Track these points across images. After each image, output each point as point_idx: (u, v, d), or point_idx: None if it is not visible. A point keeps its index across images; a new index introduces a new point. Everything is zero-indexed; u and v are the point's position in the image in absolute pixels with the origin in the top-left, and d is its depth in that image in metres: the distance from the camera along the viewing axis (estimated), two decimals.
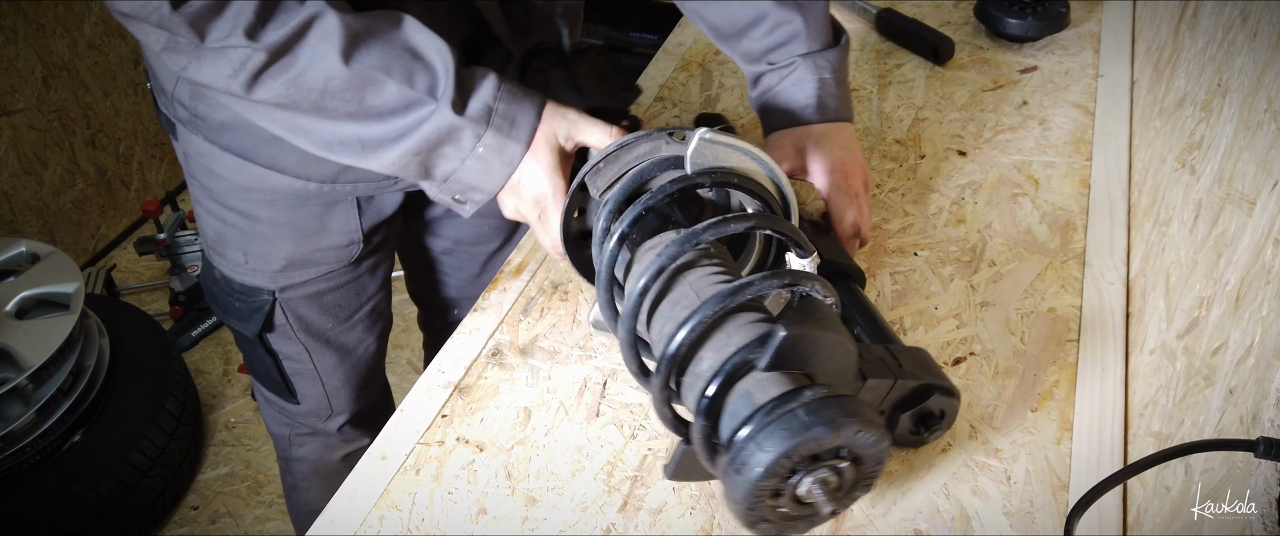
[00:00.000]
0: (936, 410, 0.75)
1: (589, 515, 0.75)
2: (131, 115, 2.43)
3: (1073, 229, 1.00)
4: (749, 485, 0.56)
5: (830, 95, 0.96)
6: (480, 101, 0.76)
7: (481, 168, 0.78)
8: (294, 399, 1.20)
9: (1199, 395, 0.67)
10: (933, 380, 0.73)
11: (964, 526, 0.73)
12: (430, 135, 0.75)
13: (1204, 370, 0.68)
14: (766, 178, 0.76)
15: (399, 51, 0.74)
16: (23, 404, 1.55)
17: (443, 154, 0.77)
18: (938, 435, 0.77)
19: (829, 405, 0.57)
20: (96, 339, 1.70)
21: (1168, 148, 0.96)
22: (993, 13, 1.28)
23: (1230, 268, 0.69)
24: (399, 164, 0.77)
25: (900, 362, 0.73)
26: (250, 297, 1.06)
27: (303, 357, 1.14)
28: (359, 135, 0.76)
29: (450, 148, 0.77)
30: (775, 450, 0.55)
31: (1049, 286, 0.94)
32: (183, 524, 1.84)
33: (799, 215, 0.81)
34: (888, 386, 0.71)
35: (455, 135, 0.76)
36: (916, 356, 0.76)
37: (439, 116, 0.75)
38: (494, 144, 0.77)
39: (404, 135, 0.76)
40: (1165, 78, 1.08)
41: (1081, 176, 1.07)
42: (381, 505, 0.76)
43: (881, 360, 0.73)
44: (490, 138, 0.77)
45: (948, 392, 0.74)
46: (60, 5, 2.17)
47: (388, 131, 0.76)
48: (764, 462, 0.56)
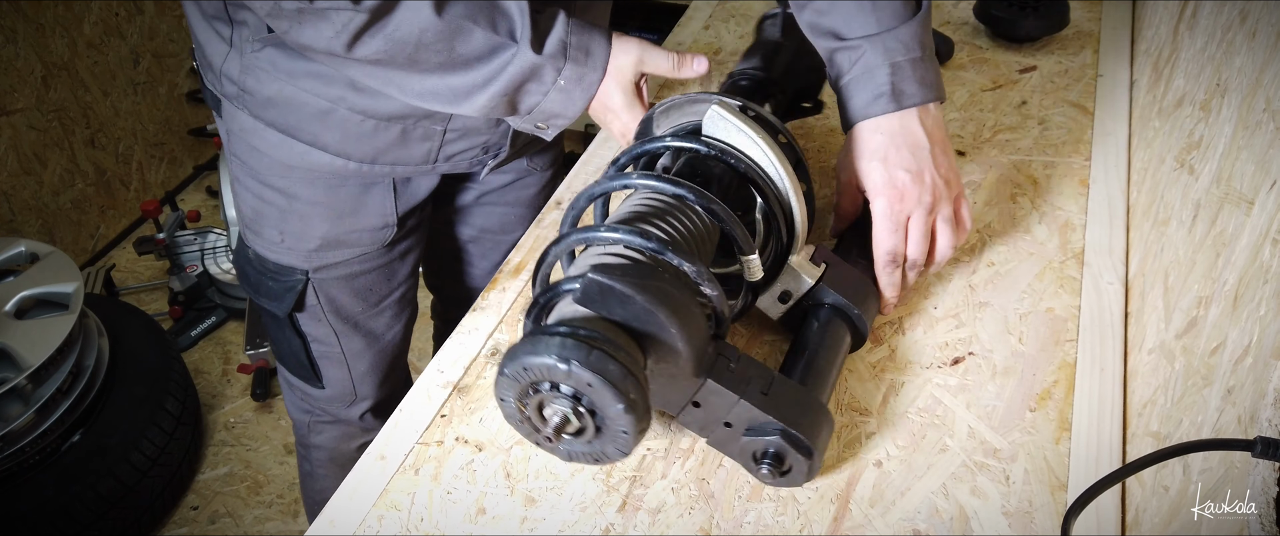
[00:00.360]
0: (784, 457, 0.72)
1: (588, 515, 0.75)
2: (131, 115, 2.43)
3: (1071, 229, 1.00)
4: (498, 378, 0.65)
5: (907, 78, 0.84)
6: (556, 38, 0.82)
7: (563, 98, 0.85)
8: (319, 383, 1.21)
9: (1197, 395, 0.68)
10: (784, 423, 0.71)
11: (963, 526, 0.73)
12: (515, 76, 0.81)
13: (1202, 370, 0.68)
14: (767, 164, 0.78)
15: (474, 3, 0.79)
16: (22, 403, 1.55)
17: (527, 90, 0.83)
18: (782, 484, 0.75)
19: (576, 347, 0.62)
20: (96, 339, 1.70)
21: (1166, 147, 0.96)
22: (992, 13, 1.28)
23: (1228, 267, 0.69)
24: (488, 106, 0.83)
25: (779, 397, 0.72)
26: (284, 277, 1.09)
27: (330, 340, 1.15)
28: (450, 85, 0.82)
29: (534, 83, 0.83)
30: (514, 357, 0.63)
31: (1047, 286, 0.94)
32: (182, 524, 1.84)
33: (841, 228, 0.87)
34: (732, 402, 0.71)
35: (538, 72, 0.82)
36: (807, 406, 0.73)
37: (521, 57, 0.81)
38: (573, 75, 0.84)
39: (492, 80, 0.82)
40: (1164, 77, 1.08)
41: (1080, 176, 1.07)
42: (381, 505, 0.76)
43: (755, 379, 0.72)
44: (569, 70, 0.83)
45: (796, 445, 0.72)
46: (60, 5, 2.17)
47: (476, 78, 0.82)
48: (507, 364, 0.64)
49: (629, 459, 0.79)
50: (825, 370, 0.79)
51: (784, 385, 0.74)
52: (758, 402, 0.71)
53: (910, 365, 0.87)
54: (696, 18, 1.42)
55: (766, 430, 0.72)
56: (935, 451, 0.79)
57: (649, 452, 0.79)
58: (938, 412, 0.82)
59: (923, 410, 0.82)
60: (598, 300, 0.67)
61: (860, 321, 0.83)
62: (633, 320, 0.67)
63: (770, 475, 0.73)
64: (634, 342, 0.68)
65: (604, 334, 0.65)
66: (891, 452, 0.79)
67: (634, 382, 0.64)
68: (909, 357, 0.87)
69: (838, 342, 0.82)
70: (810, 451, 0.72)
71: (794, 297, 0.84)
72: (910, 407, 0.83)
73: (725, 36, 1.37)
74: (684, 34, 1.38)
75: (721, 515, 0.75)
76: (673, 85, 1.25)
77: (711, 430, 0.75)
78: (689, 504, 0.76)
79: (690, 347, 0.68)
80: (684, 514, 0.75)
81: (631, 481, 0.77)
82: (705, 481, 0.77)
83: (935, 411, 0.82)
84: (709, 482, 0.77)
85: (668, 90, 1.25)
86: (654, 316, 0.66)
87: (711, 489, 0.77)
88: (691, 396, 0.72)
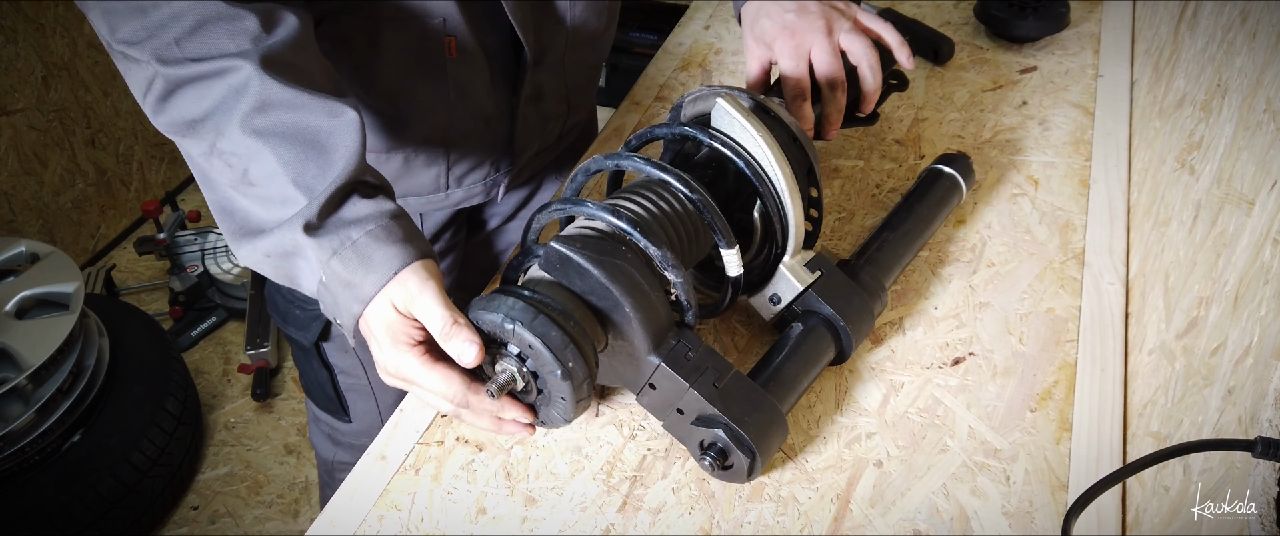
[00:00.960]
0: (727, 453, 0.73)
1: (588, 515, 0.75)
2: (131, 115, 2.43)
3: (1072, 229, 1.00)
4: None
5: None
6: (341, 220, 0.67)
7: (330, 298, 0.69)
8: (346, 416, 1.18)
9: (1197, 395, 0.68)
10: (729, 419, 0.72)
11: (963, 526, 0.73)
12: (284, 243, 0.67)
13: (1203, 370, 0.68)
14: (766, 158, 0.79)
15: (303, 136, 0.67)
16: (22, 403, 1.55)
17: (299, 267, 0.68)
18: (724, 478, 0.76)
19: (523, 310, 0.66)
20: (96, 339, 1.70)
21: (1167, 148, 0.96)
22: (993, 13, 1.28)
23: (1229, 268, 0.69)
24: (263, 265, 0.69)
25: (731, 392, 0.73)
26: (310, 305, 1.05)
27: (357, 371, 1.12)
28: (233, 208, 0.69)
29: (303, 262, 0.68)
30: (473, 308, 0.69)
31: (1048, 287, 0.94)
32: (182, 524, 1.84)
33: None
34: (682, 389, 0.72)
35: (302, 252, 0.67)
36: (759, 407, 0.73)
37: (293, 226, 0.66)
38: (341, 275, 0.67)
39: (267, 232, 0.67)
40: (1165, 78, 1.08)
41: (1081, 177, 1.07)
42: (381, 505, 0.76)
43: (711, 370, 0.73)
44: (338, 265, 0.67)
45: (738, 442, 0.72)
46: (60, 5, 2.17)
47: (262, 220, 0.68)
48: (469, 313, 0.69)
49: (628, 459, 0.79)
50: (792, 377, 0.79)
51: (740, 382, 0.74)
52: (706, 394, 0.72)
53: (911, 365, 0.87)
54: (697, 18, 1.42)
55: (714, 422, 0.73)
56: (936, 451, 0.79)
57: (649, 453, 0.79)
58: (938, 413, 0.82)
59: (923, 410, 0.82)
60: (558, 268, 0.70)
61: (845, 334, 0.82)
62: (589, 293, 0.70)
63: (712, 468, 0.74)
64: (591, 315, 0.70)
65: (559, 302, 0.68)
66: (892, 453, 0.79)
67: (574, 351, 0.66)
68: (909, 358, 0.87)
69: (815, 353, 0.81)
70: (753, 451, 0.72)
71: (783, 302, 0.83)
72: (911, 408, 0.83)
73: (726, 37, 1.37)
74: (684, 34, 1.38)
75: (722, 515, 0.75)
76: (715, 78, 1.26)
77: (665, 414, 0.76)
78: (689, 504, 0.76)
79: (644, 327, 0.70)
80: (684, 514, 0.75)
81: (632, 481, 0.77)
82: (705, 481, 0.77)
83: (936, 411, 0.82)
84: (709, 482, 0.77)
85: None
86: (608, 291, 0.69)
87: (712, 489, 0.77)
88: (648, 378, 0.74)
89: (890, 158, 1.11)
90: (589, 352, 0.69)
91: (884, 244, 0.91)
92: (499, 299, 0.67)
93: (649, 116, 1.21)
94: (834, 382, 0.85)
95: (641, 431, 0.81)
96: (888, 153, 1.12)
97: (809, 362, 0.80)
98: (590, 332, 0.70)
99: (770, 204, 0.79)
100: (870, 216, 1.03)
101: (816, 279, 0.82)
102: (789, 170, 0.79)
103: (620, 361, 0.74)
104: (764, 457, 0.73)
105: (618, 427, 0.82)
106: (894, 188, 1.07)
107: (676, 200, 0.77)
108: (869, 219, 1.03)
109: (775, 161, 0.78)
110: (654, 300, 0.71)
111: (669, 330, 0.73)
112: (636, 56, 2.44)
